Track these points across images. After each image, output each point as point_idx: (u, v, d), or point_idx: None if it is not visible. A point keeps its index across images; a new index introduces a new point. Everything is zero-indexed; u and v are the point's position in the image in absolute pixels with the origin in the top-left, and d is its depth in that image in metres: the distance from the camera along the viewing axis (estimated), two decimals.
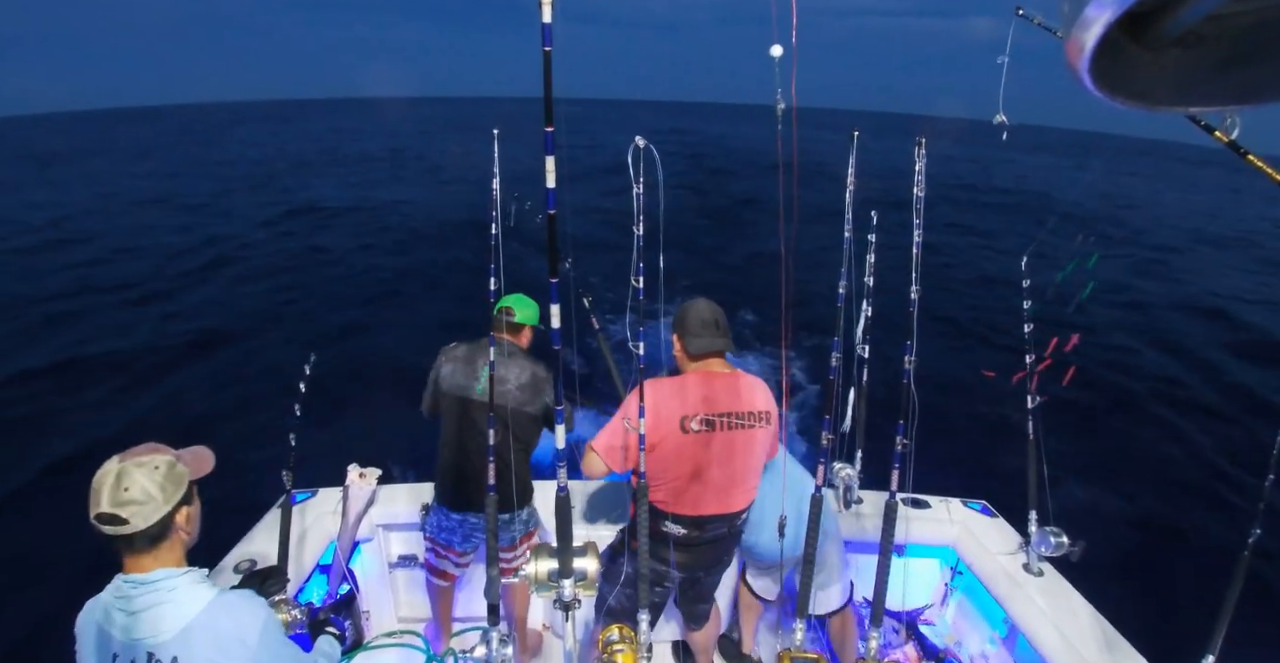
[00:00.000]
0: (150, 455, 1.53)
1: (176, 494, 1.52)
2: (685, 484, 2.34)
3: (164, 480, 1.51)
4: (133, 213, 18.24)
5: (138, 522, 1.45)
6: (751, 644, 3.13)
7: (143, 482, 1.47)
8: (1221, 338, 11.61)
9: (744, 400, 2.38)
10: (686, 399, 2.32)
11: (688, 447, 2.30)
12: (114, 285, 11.66)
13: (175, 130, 58.70)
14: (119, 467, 1.48)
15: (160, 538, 1.50)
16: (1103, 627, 2.64)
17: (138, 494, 1.46)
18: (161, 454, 1.55)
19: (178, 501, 1.53)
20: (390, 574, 3.31)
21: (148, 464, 1.50)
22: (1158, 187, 41.69)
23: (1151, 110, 0.48)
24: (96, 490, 1.45)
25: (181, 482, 1.55)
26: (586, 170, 24.64)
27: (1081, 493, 6.11)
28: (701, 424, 2.30)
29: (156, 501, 1.48)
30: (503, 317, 2.85)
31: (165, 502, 1.50)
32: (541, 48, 1.23)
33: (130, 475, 1.47)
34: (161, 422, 6.89)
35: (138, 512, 1.45)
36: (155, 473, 1.50)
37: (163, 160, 33.00)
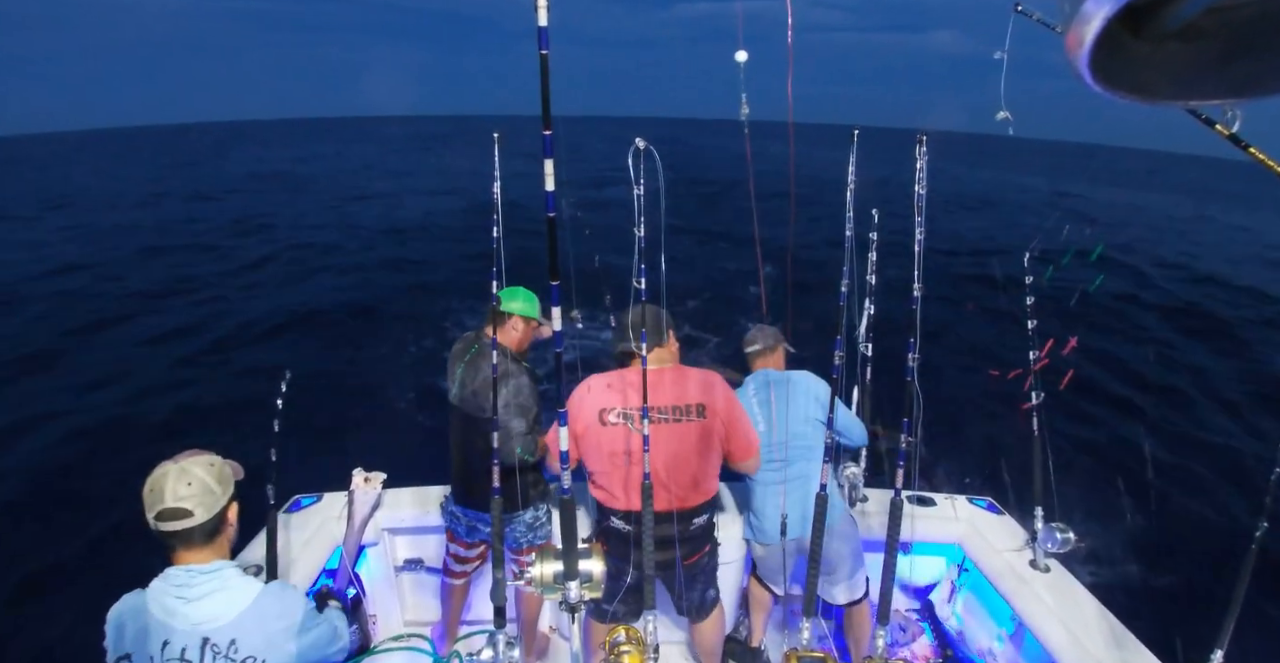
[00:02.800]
0: (202, 455, 1.63)
1: (229, 490, 1.64)
2: (616, 478, 2.40)
3: (219, 475, 1.62)
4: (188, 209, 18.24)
5: (201, 513, 1.54)
6: (760, 639, 3.13)
7: (203, 476, 1.57)
8: (1227, 332, 11.58)
9: (669, 394, 2.37)
10: (608, 393, 2.39)
11: (606, 440, 2.37)
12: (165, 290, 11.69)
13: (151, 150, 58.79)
14: (176, 466, 1.57)
15: (215, 532, 1.60)
16: (1110, 623, 2.64)
17: (199, 489, 1.55)
18: (211, 455, 1.66)
19: (230, 496, 1.64)
20: (396, 578, 3.31)
21: (203, 461, 1.60)
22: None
23: (1151, 104, 0.48)
24: (156, 490, 1.53)
25: (230, 480, 1.66)
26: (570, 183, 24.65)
27: (1087, 489, 6.09)
28: (619, 418, 2.38)
29: (216, 493, 1.59)
30: (493, 306, 2.70)
31: (223, 495, 1.61)
32: (538, 51, 1.23)
33: (190, 472, 1.56)
34: (163, 417, 6.91)
35: (201, 504, 1.55)
36: (211, 469, 1.61)
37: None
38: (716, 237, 15.54)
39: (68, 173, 34.27)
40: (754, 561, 3.03)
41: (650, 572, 2.16)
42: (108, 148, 53.72)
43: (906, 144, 1.98)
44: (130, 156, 44.13)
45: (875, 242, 2.96)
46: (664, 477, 2.38)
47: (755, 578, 3.03)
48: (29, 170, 39.55)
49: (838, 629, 3.15)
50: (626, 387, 2.39)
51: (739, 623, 3.28)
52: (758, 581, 3.02)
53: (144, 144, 53.55)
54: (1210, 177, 70.97)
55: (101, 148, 52.27)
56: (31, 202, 23.63)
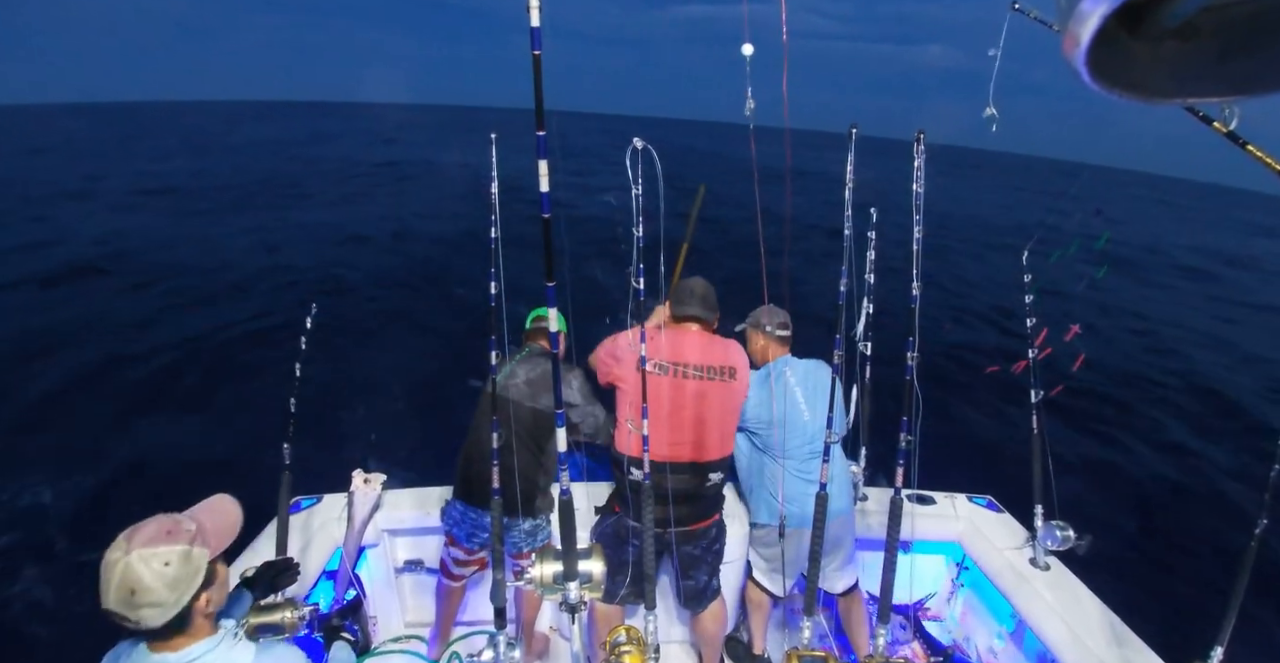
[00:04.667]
0: (160, 546, 1.33)
1: (192, 586, 1.36)
2: (652, 426, 2.39)
3: (177, 575, 1.33)
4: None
5: (150, 622, 1.32)
6: (762, 645, 3.13)
7: (150, 582, 1.29)
8: (1226, 332, 11.60)
9: (706, 355, 2.57)
10: (651, 345, 2.48)
11: (648, 385, 2.37)
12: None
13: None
14: (124, 561, 1.30)
15: (180, 627, 1.38)
16: (1110, 620, 2.64)
17: (146, 598, 1.30)
18: (174, 541, 1.35)
19: (195, 591, 1.37)
20: (396, 579, 3.31)
21: (157, 558, 1.31)
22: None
23: (1149, 102, 0.48)
24: (103, 585, 1.31)
25: (198, 569, 1.37)
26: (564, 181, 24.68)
27: (1087, 486, 6.10)
28: (655, 368, 2.51)
29: (167, 603, 1.32)
30: (537, 325, 3.01)
31: (180, 598, 1.34)
32: (530, 51, 1.22)
33: (136, 574, 1.29)
34: (163, 421, 6.90)
35: (147, 615, 1.31)
36: (166, 570, 1.32)
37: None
38: (712, 235, 15.57)
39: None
40: (751, 563, 3.03)
41: (651, 566, 2.15)
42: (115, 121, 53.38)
43: (898, 153, 1.98)
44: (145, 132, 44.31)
45: (873, 240, 2.96)
46: (693, 428, 2.53)
47: (753, 581, 3.03)
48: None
49: (837, 628, 3.15)
50: (672, 343, 2.58)
51: (739, 625, 3.28)
52: (755, 584, 3.02)
53: (143, 120, 53.69)
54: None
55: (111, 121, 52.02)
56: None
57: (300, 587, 2.79)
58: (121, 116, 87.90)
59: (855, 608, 3.05)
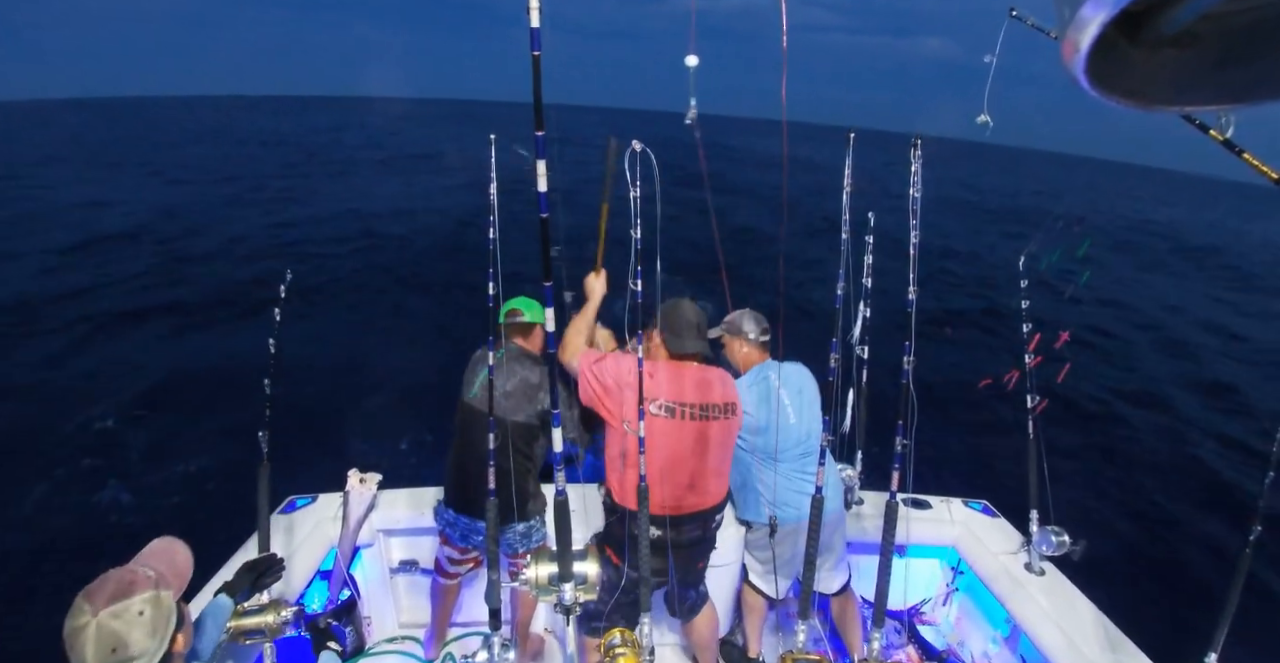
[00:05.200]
0: (127, 599, 1.31)
1: (169, 629, 1.36)
2: (653, 475, 2.32)
3: (153, 622, 1.33)
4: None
5: None
6: (757, 648, 3.13)
7: (127, 636, 1.28)
8: (1221, 336, 11.63)
9: (705, 391, 2.42)
10: (650, 383, 2.30)
11: (654, 431, 2.30)
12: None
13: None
14: (94, 623, 1.27)
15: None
16: (1105, 626, 2.64)
17: (130, 652, 1.28)
18: (139, 590, 1.33)
19: (171, 634, 1.36)
20: (391, 580, 3.30)
21: (129, 611, 1.30)
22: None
23: (1147, 109, 0.48)
24: (78, 648, 1.27)
25: (170, 614, 1.37)
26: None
27: (1083, 492, 6.11)
28: (662, 410, 2.34)
29: (150, 652, 1.31)
30: (511, 318, 2.83)
31: (161, 644, 1.33)
32: (530, 52, 1.23)
33: (113, 631, 1.28)
34: (162, 421, 6.88)
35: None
36: (141, 620, 1.31)
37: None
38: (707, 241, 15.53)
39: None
40: (747, 566, 3.02)
41: (648, 574, 2.15)
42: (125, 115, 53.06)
43: (896, 146, 1.99)
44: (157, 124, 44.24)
45: (871, 244, 2.96)
46: (702, 472, 2.42)
47: (748, 584, 3.03)
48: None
49: (831, 632, 3.15)
50: (675, 381, 2.40)
51: (734, 628, 3.27)
52: (751, 587, 3.02)
53: (157, 114, 53.56)
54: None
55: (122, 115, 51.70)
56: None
57: (294, 587, 2.78)
58: (124, 112, 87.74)
59: (849, 608, 3.06)
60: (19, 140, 39.17)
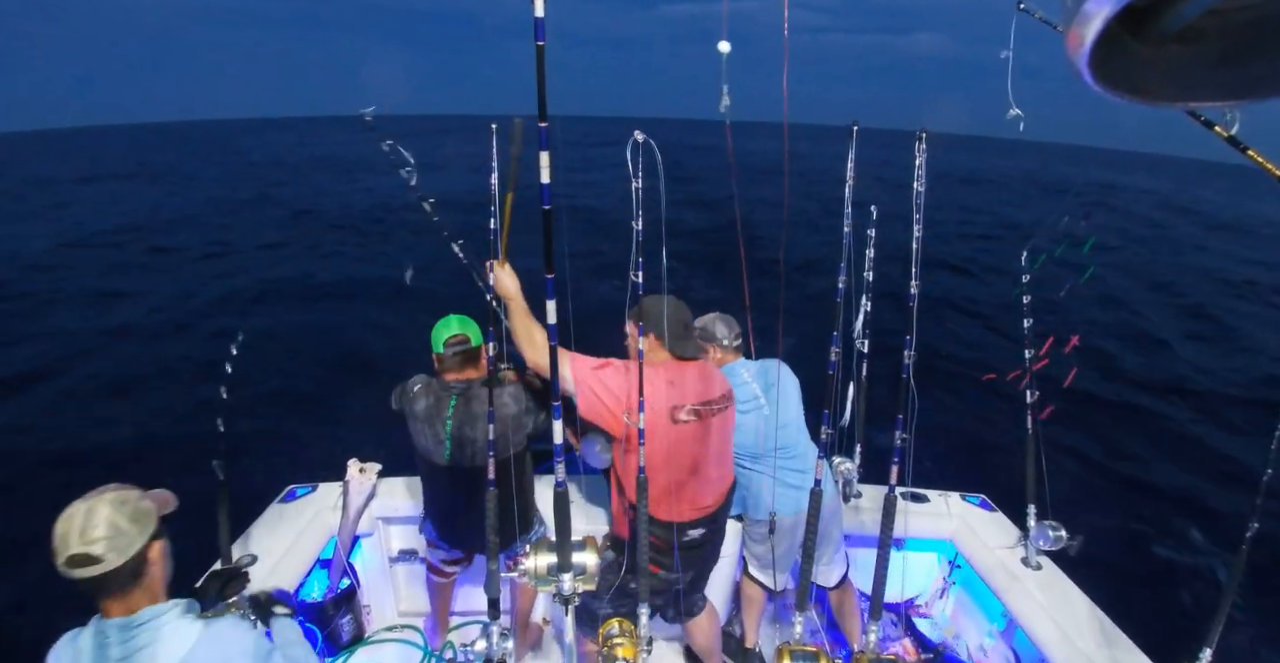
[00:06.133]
0: (115, 492, 1.45)
1: (149, 527, 1.46)
2: (674, 483, 2.28)
3: (134, 513, 1.44)
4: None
5: (112, 558, 1.38)
6: (754, 639, 3.14)
7: (112, 516, 1.40)
8: (1218, 333, 11.62)
9: (714, 385, 2.38)
10: (672, 389, 2.21)
11: (681, 440, 2.24)
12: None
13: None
14: (85, 505, 1.41)
15: (138, 575, 1.44)
16: (1101, 620, 2.65)
17: (107, 530, 1.39)
18: (126, 490, 1.48)
19: (150, 534, 1.46)
20: (391, 569, 3.32)
21: (113, 500, 1.43)
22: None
23: (1151, 105, 0.48)
24: (63, 534, 1.37)
25: (150, 516, 1.48)
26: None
27: (1080, 487, 6.13)
28: (691, 414, 2.24)
29: (129, 533, 1.41)
30: (456, 347, 2.48)
31: (140, 534, 1.43)
32: (534, 42, 1.22)
33: (98, 512, 1.40)
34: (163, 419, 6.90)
35: (111, 547, 1.38)
36: (124, 506, 1.43)
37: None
38: (704, 234, 15.57)
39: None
40: (744, 556, 3.04)
41: (645, 565, 2.15)
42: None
43: (893, 144, 1.98)
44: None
45: (873, 239, 2.96)
46: (719, 469, 2.40)
47: (748, 576, 3.04)
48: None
49: (829, 623, 3.17)
50: (688, 381, 2.28)
51: (731, 618, 3.29)
52: (750, 578, 3.03)
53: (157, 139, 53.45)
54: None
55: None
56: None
57: (294, 576, 2.80)
58: (130, 138, 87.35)
59: (847, 599, 3.07)
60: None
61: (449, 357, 2.49)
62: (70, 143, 78.79)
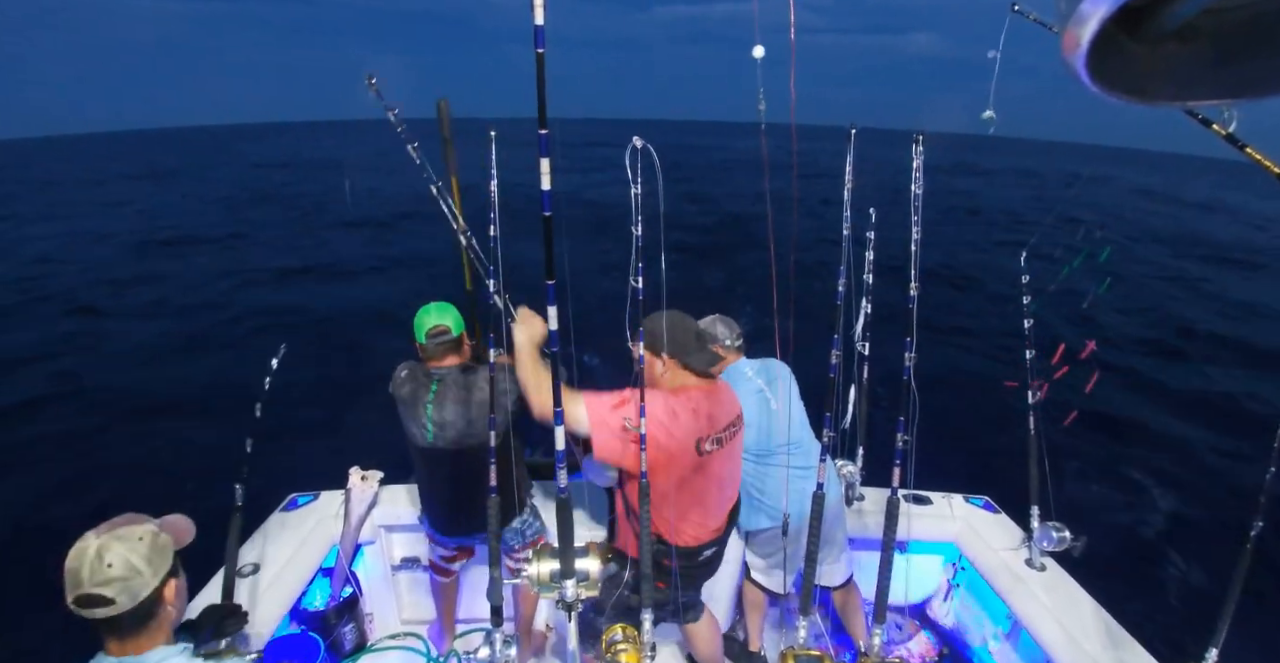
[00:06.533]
0: (130, 527, 1.39)
1: (164, 566, 1.40)
2: (691, 510, 2.27)
3: (149, 552, 1.37)
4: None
5: (124, 600, 1.32)
6: (758, 643, 3.13)
7: (126, 555, 1.33)
8: (1221, 329, 11.62)
9: (732, 407, 2.33)
10: (697, 419, 2.15)
11: (705, 470, 2.22)
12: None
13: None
14: (98, 542, 1.34)
15: (148, 617, 1.37)
16: (1106, 621, 2.64)
17: (122, 570, 1.32)
18: (143, 524, 1.41)
19: (165, 573, 1.40)
20: (393, 576, 3.31)
21: (129, 537, 1.36)
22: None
23: (1148, 105, 0.48)
24: (74, 571, 1.31)
25: (167, 553, 1.42)
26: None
27: (1084, 488, 6.11)
28: (714, 444, 2.20)
29: (144, 575, 1.35)
30: (437, 338, 2.55)
31: (153, 575, 1.37)
32: (534, 50, 1.23)
33: (112, 550, 1.33)
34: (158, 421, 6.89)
35: (123, 589, 1.32)
36: (140, 544, 1.36)
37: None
38: (702, 229, 15.58)
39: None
40: (748, 562, 3.03)
41: (649, 571, 2.15)
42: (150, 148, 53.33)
43: (890, 143, 1.99)
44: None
45: (872, 240, 2.96)
46: (728, 491, 2.38)
47: (750, 580, 3.03)
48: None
49: (833, 627, 3.16)
50: (712, 408, 2.21)
51: (735, 624, 3.28)
52: (752, 582, 3.02)
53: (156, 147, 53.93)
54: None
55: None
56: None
57: (297, 585, 2.79)
58: (128, 145, 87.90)
59: (852, 599, 3.07)
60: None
61: (431, 346, 2.58)
62: (84, 148, 79.39)
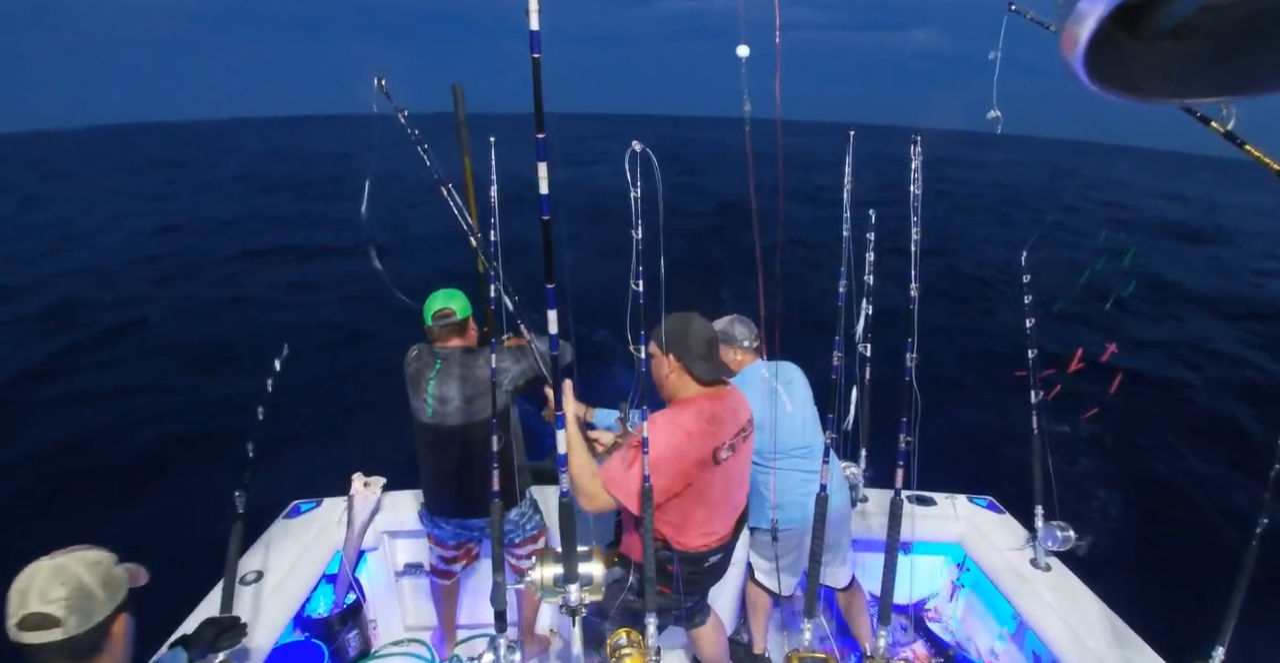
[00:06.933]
0: (87, 552, 1.32)
1: (117, 597, 1.31)
2: (722, 512, 2.27)
3: (106, 577, 1.30)
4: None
5: (73, 624, 1.22)
6: (763, 646, 3.13)
7: (80, 576, 1.25)
8: (1225, 327, 11.60)
9: (743, 411, 2.33)
10: (710, 429, 2.16)
11: (720, 478, 2.22)
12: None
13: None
14: (51, 562, 1.26)
15: (94, 651, 1.27)
16: (1111, 621, 2.63)
17: (74, 590, 1.23)
18: (100, 552, 1.34)
19: (118, 605, 1.31)
20: (396, 583, 3.30)
21: (85, 560, 1.29)
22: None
23: (1146, 102, 0.48)
24: (21, 591, 1.22)
25: (121, 586, 1.34)
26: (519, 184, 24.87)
27: (1088, 487, 6.10)
28: (729, 451, 2.21)
29: (97, 599, 1.26)
30: (443, 320, 2.70)
31: (108, 602, 1.28)
32: (530, 55, 1.24)
33: (66, 570, 1.25)
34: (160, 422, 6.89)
35: (75, 609, 1.22)
36: (96, 567, 1.29)
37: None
38: (701, 234, 15.59)
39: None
40: (752, 564, 3.02)
41: (652, 574, 2.14)
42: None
43: (891, 140, 1.99)
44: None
45: (872, 241, 2.96)
46: (737, 497, 2.38)
47: (754, 582, 3.02)
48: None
49: (838, 629, 3.15)
50: (725, 415, 2.22)
51: (739, 626, 3.27)
52: (756, 584, 3.01)
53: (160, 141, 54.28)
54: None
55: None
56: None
57: (300, 591, 2.79)
58: (122, 138, 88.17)
59: (856, 601, 3.06)
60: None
61: (436, 328, 2.74)
62: (95, 141, 79.81)
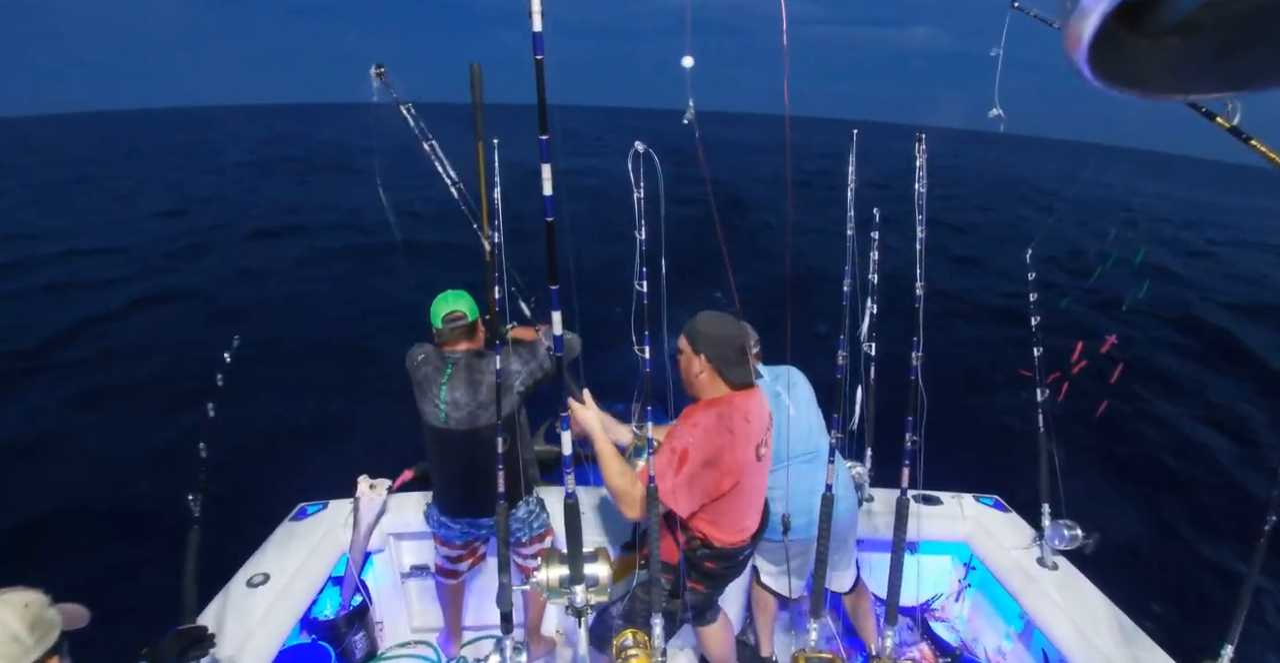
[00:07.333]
0: (17, 593, 1.29)
1: (48, 640, 1.28)
2: (737, 513, 2.27)
3: (35, 621, 1.27)
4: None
5: None
6: (769, 647, 3.12)
7: (8, 620, 1.23)
8: (1233, 323, 11.56)
9: (765, 410, 2.35)
10: (748, 428, 2.16)
11: (757, 474, 2.24)
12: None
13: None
14: None
15: None
16: (1119, 619, 2.62)
17: (3, 633, 1.21)
18: (33, 593, 1.32)
19: (48, 649, 1.28)
20: (403, 585, 3.31)
21: (15, 602, 1.27)
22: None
23: (1150, 98, 0.48)
24: None
25: (54, 628, 1.31)
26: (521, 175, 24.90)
27: (1095, 485, 6.08)
28: (765, 447, 2.23)
29: (24, 643, 1.23)
30: (453, 323, 2.66)
31: (36, 645, 1.25)
32: (533, 56, 1.24)
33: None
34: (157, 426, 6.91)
35: (1, 656, 1.21)
36: (25, 611, 1.26)
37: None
38: (698, 234, 15.54)
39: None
40: (757, 566, 3.01)
41: (658, 575, 2.14)
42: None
43: (892, 137, 1.98)
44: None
45: (877, 240, 2.96)
46: (764, 494, 2.40)
47: (759, 584, 3.02)
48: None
49: (844, 630, 3.14)
50: (759, 415, 2.25)
51: (745, 627, 3.27)
52: (761, 586, 3.01)
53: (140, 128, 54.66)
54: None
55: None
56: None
57: (307, 593, 2.79)
58: (125, 124, 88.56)
59: (862, 603, 3.05)
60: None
61: (446, 331, 2.68)
62: (98, 126, 80.00)
